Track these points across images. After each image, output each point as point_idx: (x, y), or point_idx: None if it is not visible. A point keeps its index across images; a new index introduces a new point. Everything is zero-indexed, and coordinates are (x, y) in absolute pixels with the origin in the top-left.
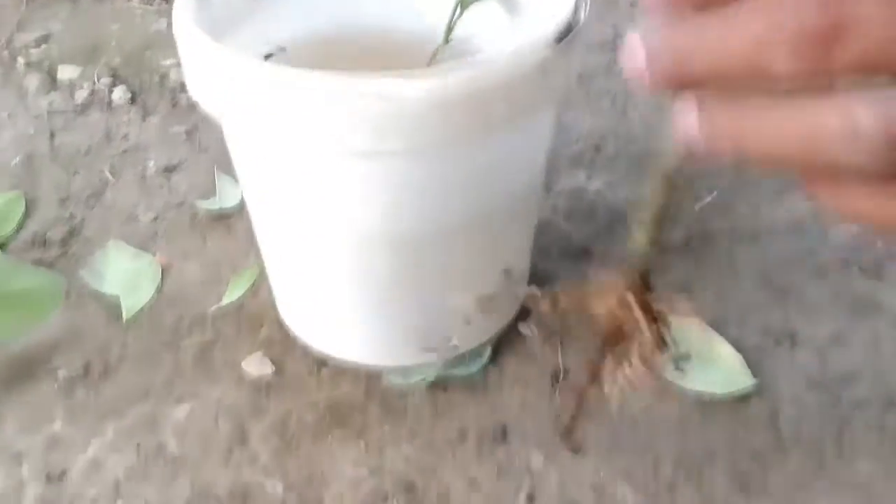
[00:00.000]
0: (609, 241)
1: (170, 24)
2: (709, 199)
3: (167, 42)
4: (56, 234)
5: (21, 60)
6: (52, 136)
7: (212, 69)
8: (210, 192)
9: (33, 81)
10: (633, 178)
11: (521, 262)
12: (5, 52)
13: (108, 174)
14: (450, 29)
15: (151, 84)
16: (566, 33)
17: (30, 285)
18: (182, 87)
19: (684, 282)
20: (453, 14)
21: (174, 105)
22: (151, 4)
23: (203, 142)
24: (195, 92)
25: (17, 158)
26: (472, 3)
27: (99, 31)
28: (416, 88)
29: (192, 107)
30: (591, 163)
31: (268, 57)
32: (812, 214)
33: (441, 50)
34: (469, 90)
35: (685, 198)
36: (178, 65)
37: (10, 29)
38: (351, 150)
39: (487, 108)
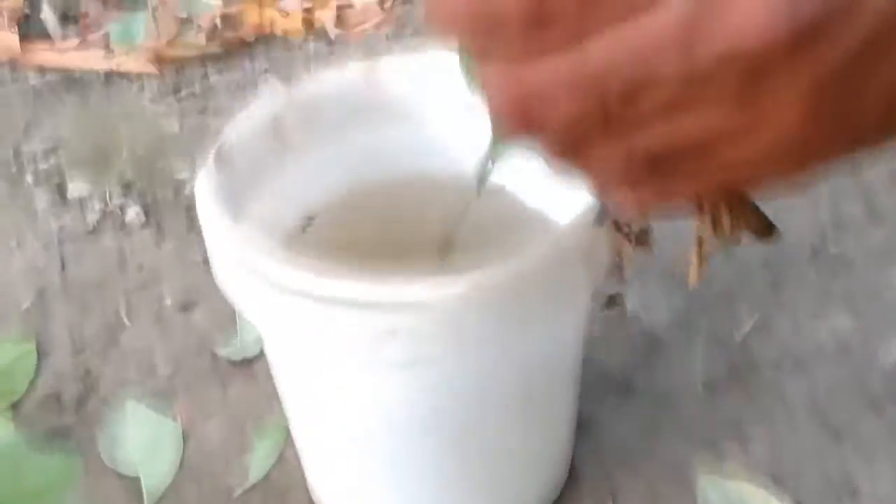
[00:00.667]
0: (651, 373)
1: (182, 126)
2: (750, 323)
3: (180, 147)
4: (70, 392)
5: (29, 176)
6: (64, 266)
7: (236, 267)
8: (230, 330)
9: (43, 200)
10: (667, 293)
11: (563, 447)
12: (13, 167)
13: (122, 314)
14: (481, 182)
15: (165, 200)
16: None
17: (44, 476)
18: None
19: (734, 422)
20: (484, 167)
21: (190, 225)
22: (162, 104)
23: None
24: (220, 279)
25: (29, 301)
26: (502, 156)
27: (109, 135)
28: (452, 295)
29: None
30: (620, 278)
31: (306, 228)
32: (856, 332)
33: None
34: (506, 289)
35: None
36: (192, 178)
37: (18, 136)
38: (385, 362)
39: (526, 303)
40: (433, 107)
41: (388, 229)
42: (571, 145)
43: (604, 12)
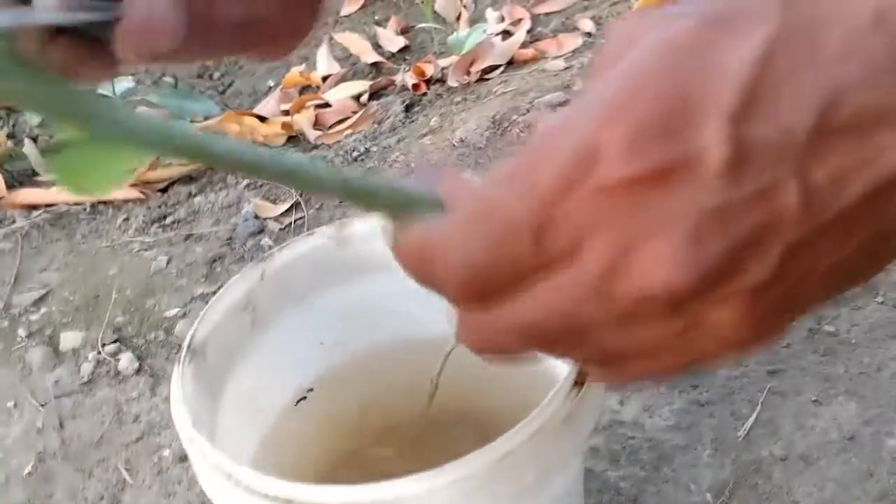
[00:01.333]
0: (659, 486)
1: (169, 258)
2: (752, 418)
3: (168, 284)
4: None
5: (21, 330)
6: (62, 425)
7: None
8: None
9: (36, 356)
10: (666, 395)
11: None
12: (4, 322)
13: (123, 472)
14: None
15: (157, 343)
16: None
17: None
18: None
19: None
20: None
21: None
22: (147, 234)
23: None
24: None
25: (29, 466)
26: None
27: (98, 278)
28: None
29: None
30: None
31: (299, 402)
32: (861, 419)
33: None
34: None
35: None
36: (183, 315)
37: (7, 287)
38: None
39: (515, 481)
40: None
41: (376, 393)
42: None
43: (528, 278)
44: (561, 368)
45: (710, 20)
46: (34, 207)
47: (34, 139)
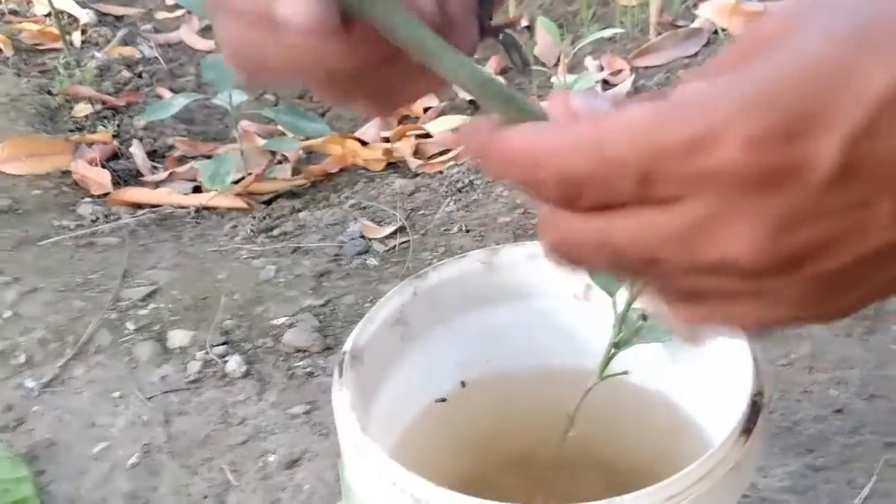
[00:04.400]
0: None
1: (277, 268)
2: (868, 487)
3: (276, 293)
4: None
5: (130, 324)
6: (168, 421)
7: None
8: (335, 489)
9: (144, 351)
10: (781, 456)
11: None
12: (113, 314)
13: (228, 474)
14: (604, 367)
15: (264, 349)
16: (754, 418)
17: None
18: (297, 352)
19: None
20: (608, 353)
21: (290, 376)
22: (255, 243)
23: (323, 424)
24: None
25: (134, 457)
26: (628, 345)
27: (207, 281)
28: None
29: (309, 376)
30: None
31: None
32: None
33: (595, 387)
34: None
35: None
36: (291, 325)
37: (116, 283)
38: None
39: None
40: (552, 293)
41: (508, 416)
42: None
43: (622, 205)
44: (702, 431)
45: (855, 36)
46: (139, 207)
47: (140, 139)
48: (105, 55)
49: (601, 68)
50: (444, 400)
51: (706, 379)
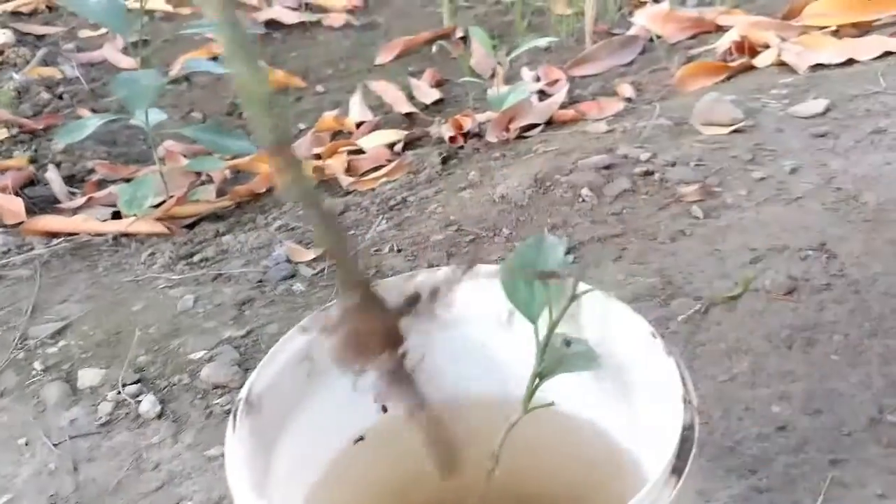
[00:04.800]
0: None
1: (196, 298)
2: None
3: (194, 325)
4: None
5: (38, 364)
6: (76, 469)
7: None
8: None
9: (52, 392)
10: (724, 479)
11: None
12: (20, 353)
13: None
14: (528, 398)
15: (181, 387)
16: (684, 459)
17: None
18: (215, 389)
19: None
20: (532, 384)
21: (208, 414)
22: (174, 271)
23: None
24: None
25: None
26: (552, 374)
27: (121, 313)
28: None
29: (228, 414)
30: None
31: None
32: None
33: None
34: None
35: None
36: (209, 359)
37: (24, 318)
38: None
39: None
40: (474, 320)
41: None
42: None
43: None
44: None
45: None
46: (54, 235)
47: (58, 164)
48: (24, 76)
49: (538, 79)
50: (361, 438)
51: (636, 407)
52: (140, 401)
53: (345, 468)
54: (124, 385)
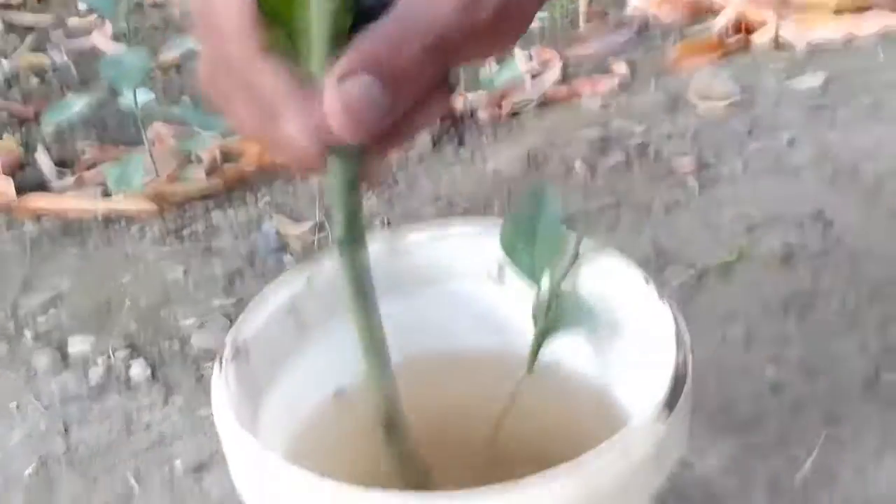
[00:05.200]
0: None
1: (186, 270)
2: (808, 466)
3: (185, 295)
4: None
5: (28, 333)
6: (67, 430)
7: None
8: None
9: (42, 360)
10: (716, 437)
11: None
12: (10, 323)
13: (132, 481)
14: (532, 360)
15: (172, 353)
16: (676, 395)
17: None
18: (205, 355)
19: None
20: (535, 345)
21: (198, 378)
22: (164, 245)
23: None
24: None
25: (31, 467)
26: (552, 335)
27: (110, 285)
28: None
29: None
30: None
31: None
32: None
33: (524, 381)
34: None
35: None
36: (200, 326)
37: (15, 290)
38: None
39: None
40: (464, 275)
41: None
42: None
43: None
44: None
45: None
46: (45, 215)
47: (48, 148)
48: (13, 64)
49: (530, 58)
50: (342, 392)
51: (629, 357)
52: (130, 366)
53: (326, 421)
54: (115, 352)
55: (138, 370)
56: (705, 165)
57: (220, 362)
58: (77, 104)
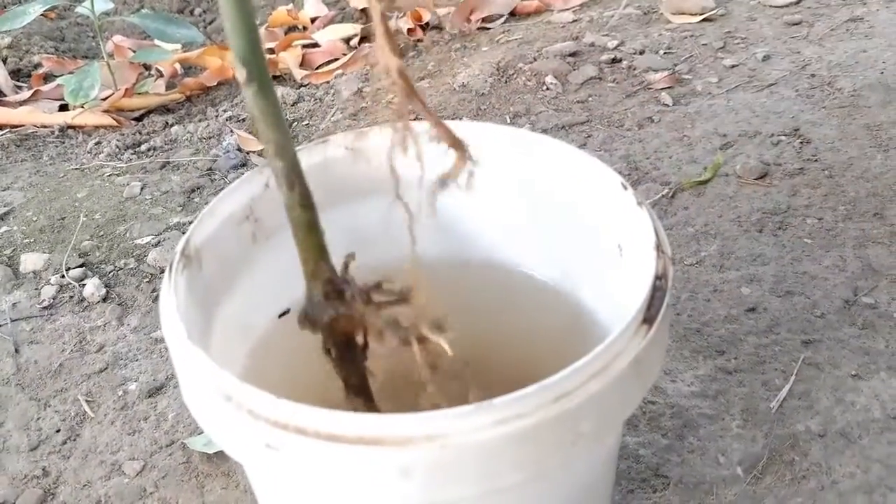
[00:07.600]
0: (684, 457)
1: (143, 185)
2: (785, 390)
3: (141, 212)
4: (27, 498)
5: None
6: (17, 350)
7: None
8: None
9: None
10: (691, 362)
11: None
12: None
13: (84, 404)
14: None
15: (127, 271)
16: (656, 309)
17: None
18: (160, 274)
19: None
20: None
21: (154, 298)
22: (120, 160)
23: None
24: (194, 410)
25: None
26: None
27: (65, 200)
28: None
29: None
30: None
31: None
32: None
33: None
34: (549, 418)
35: None
36: (156, 243)
37: None
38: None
39: (570, 431)
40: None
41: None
42: None
43: None
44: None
45: None
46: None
47: (4, 60)
48: None
49: None
50: (287, 311)
51: (606, 265)
52: (84, 285)
53: (276, 338)
54: (68, 269)
55: (92, 289)
56: (679, 81)
57: (170, 272)
58: (33, 11)
